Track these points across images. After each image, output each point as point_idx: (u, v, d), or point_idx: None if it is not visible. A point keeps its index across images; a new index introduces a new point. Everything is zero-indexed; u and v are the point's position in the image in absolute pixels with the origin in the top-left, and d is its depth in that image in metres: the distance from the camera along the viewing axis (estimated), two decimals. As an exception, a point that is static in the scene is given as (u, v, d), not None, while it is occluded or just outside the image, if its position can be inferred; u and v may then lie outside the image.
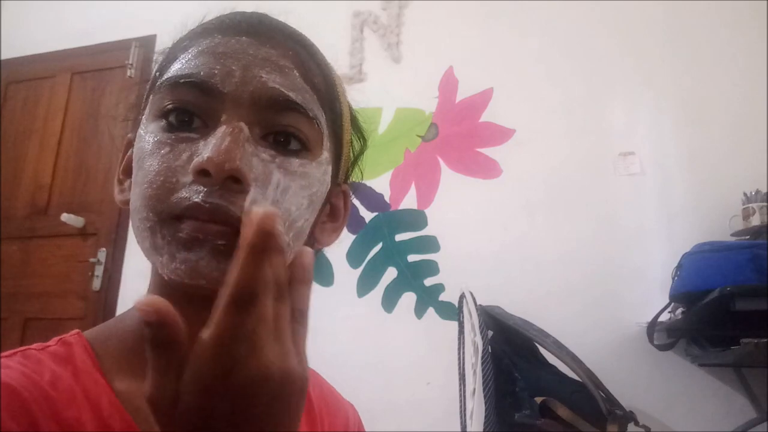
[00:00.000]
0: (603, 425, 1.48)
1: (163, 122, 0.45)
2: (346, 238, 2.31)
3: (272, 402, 0.34)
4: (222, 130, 0.43)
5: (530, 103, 2.30)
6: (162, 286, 0.48)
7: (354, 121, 0.57)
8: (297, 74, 0.47)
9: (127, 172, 0.52)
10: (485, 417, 1.49)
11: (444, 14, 2.51)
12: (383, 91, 2.46)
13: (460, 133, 2.35)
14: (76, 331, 0.49)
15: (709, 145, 2.09)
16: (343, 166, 0.55)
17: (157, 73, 0.49)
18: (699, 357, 1.82)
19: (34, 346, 0.45)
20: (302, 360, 0.37)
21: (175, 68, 0.46)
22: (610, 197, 2.13)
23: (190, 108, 0.45)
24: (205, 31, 0.49)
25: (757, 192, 1.86)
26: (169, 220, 0.43)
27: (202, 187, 0.42)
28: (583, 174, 2.18)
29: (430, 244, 2.25)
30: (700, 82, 2.16)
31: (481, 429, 1.50)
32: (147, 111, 0.48)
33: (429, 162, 2.35)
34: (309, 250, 0.38)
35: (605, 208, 2.13)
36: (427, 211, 2.30)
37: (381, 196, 2.35)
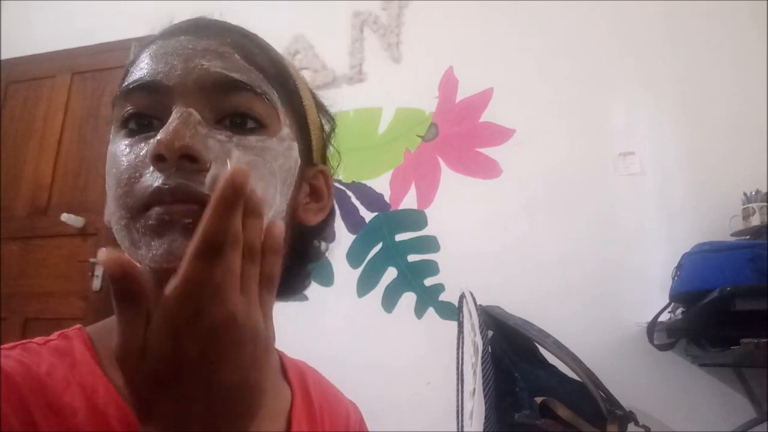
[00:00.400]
0: (603, 425, 1.48)
1: (124, 130, 0.47)
2: (346, 238, 2.31)
3: (238, 349, 0.34)
4: (172, 117, 0.44)
5: (530, 103, 2.30)
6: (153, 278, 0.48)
7: (319, 105, 0.58)
8: (238, 57, 0.48)
9: None
10: (485, 417, 1.49)
11: (444, 14, 2.51)
12: (383, 91, 2.46)
13: (460, 133, 2.36)
14: (78, 326, 0.50)
15: (709, 145, 2.09)
16: (315, 147, 0.56)
17: (119, 85, 0.51)
18: (699, 357, 1.82)
19: (35, 339, 0.47)
20: (267, 322, 0.37)
21: (127, 78, 0.49)
22: (610, 197, 2.13)
23: (146, 111, 0.47)
24: (150, 40, 0.51)
25: (757, 192, 1.86)
26: (138, 213, 0.44)
27: (160, 173, 0.43)
28: (583, 174, 2.18)
29: (430, 244, 2.25)
30: (700, 82, 2.16)
31: (481, 429, 1.50)
32: (112, 127, 0.50)
33: (429, 162, 2.35)
34: (279, 222, 0.39)
35: (605, 208, 2.13)
36: (427, 211, 2.30)
37: (381, 196, 2.35)
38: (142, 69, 0.48)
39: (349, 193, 2.34)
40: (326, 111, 0.60)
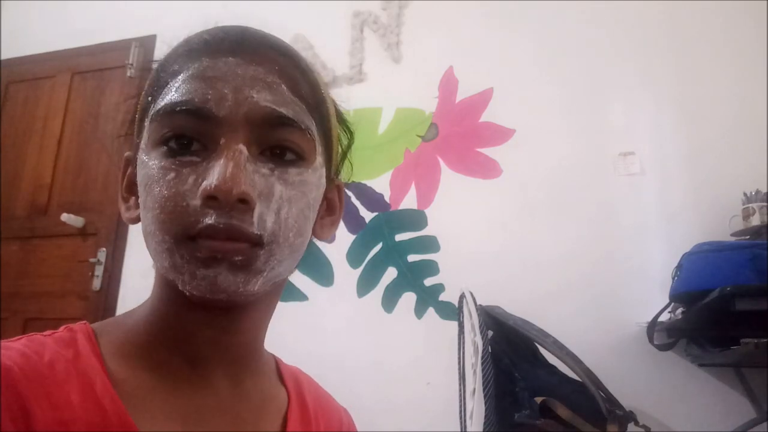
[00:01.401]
0: (603, 425, 1.48)
1: (164, 148, 0.47)
2: (346, 238, 2.31)
3: None
4: (224, 155, 0.45)
5: (530, 103, 2.30)
6: (165, 290, 0.50)
7: (339, 115, 0.59)
8: (285, 88, 0.49)
9: (130, 190, 0.55)
10: (485, 417, 1.49)
11: (444, 14, 2.51)
12: (383, 91, 2.46)
13: (460, 133, 2.36)
14: (84, 321, 0.51)
15: (709, 145, 2.09)
16: (333, 163, 0.57)
17: (149, 98, 0.51)
18: (699, 357, 1.82)
19: (44, 332, 0.48)
20: None
21: (169, 96, 0.48)
22: (610, 197, 2.13)
23: (189, 133, 0.47)
24: (191, 53, 0.50)
25: (757, 192, 1.86)
26: (184, 241, 0.45)
27: (212, 210, 0.45)
28: (583, 174, 2.18)
29: (430, 244, 2.25)
30: (700, 82, 2.16)
31: (481, 429, 1.50)
32: (146, 137, 0.50)
33: (429, 162, 2.35)
34: None
35: (605, 208, 2.13)
36: (427, 211, 2.30)
37: (381, 196, 2.35)
38: (188, 90, 0.47)
39: (349, 193, 2.34)
40: (345, 123, 0.60)
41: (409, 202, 2.33)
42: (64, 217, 2.65)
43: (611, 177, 2.15)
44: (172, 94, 0.48)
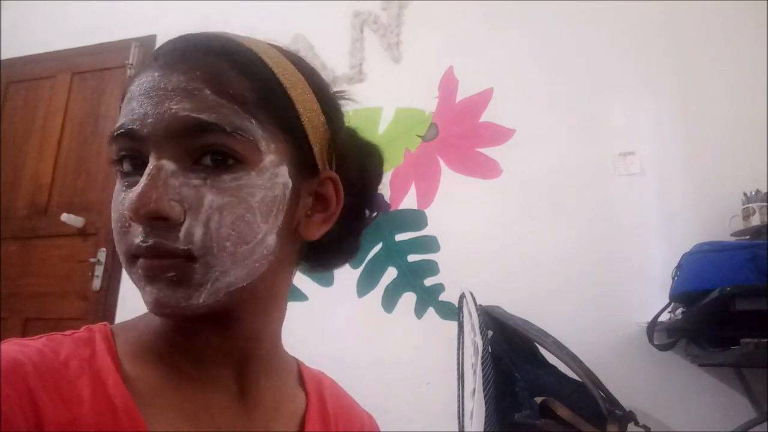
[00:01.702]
0: (603, 425, 1.48)
1: (119, 171, 0.49)
2: (346, 238, 2.31)
3: None
4: (145, 173, 0.46)
5: (530, 103, 2.30)
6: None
7: (328, 101, 0.56)
8: (208, 92, 0.47)
9: None
10: (485, 417, 1.49)
11: (444, 14, 2.51)
12: (383, 91, 2.46)
13: (460, 133, 2.36)
14: (105, 323, 0.52)
15: (709, 145, 2.09)
16: (319, 153, 0.54)
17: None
18: (699, 357, 1.82)
19: (65, 332, 0.49)
20: None
21: (119, 117, 0.50)
22: (610, 197, 2.13)
23: (132, 153, 0.48)
24: (137, 71, 0.51)
25: (757, 192, 1.86)
26: (131, 260, 0.47)
27: (140, 228, 0.45)
28: (583, 174, 2.18)
29: (430, 244, 2.25)
30: (700, 82, 2.16)
31: (481, 429, 1.50)
32: None
33: (429, 162, 2.35)
34: None
35: (605, 208, 2.13)
36: (427, 211, 2.30)
37: (381, 196, 2.35)
38: (125, 112, 0.48)
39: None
40: (333, 106, 0.57)
41: (409, 202, 2.33)
42: (64, 217, 2.65)
43: (611, 177, 2.15)
44: (119, 117, 0.49)
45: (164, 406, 0.47)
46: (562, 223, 2.14)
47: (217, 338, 0.51)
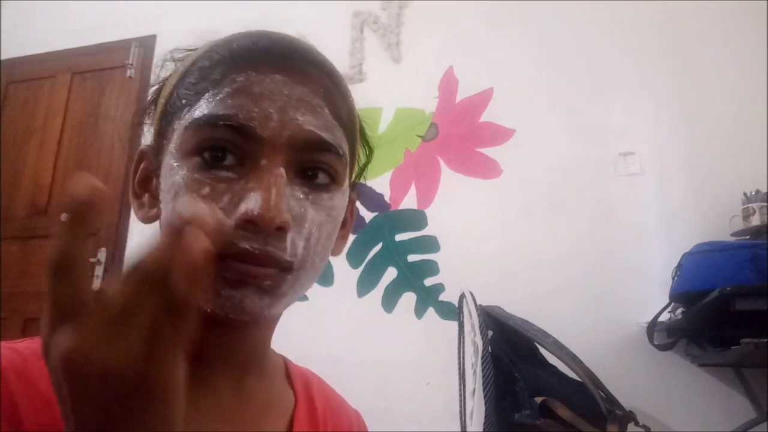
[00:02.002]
0: (603, 425, 1.48)
1: (197, 159, 0.46)
2: (346, 238, 2.31)
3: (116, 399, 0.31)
4: (265, 179, 0.45)
5: (530, 103, 2.30)
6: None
7: (362, 132, 0.59)
8: (328, 112, 0.49)
9: (144, 186, 0.53)
10: (485, 417, 1.49)
11: (444, 14, 2.51)
12: (383, 91, 2.46)
13: (460, 133, 2.36)
14: None
15: (709, 145, 2.09)
16: (351, 179, 0.57)
17: (183, 101, 0.49)
18: (699, 357, 1.82)
19: None
20: (173, 358, 0.32)
21: (210, 106, 0.47)
22: (610, 197, 2.13)
23: (226, 147, 0.46)
24: (235, 61, 0.49)
25: (757, 192, 1.86)
26: (212, 260, 0.45)
27: (247, 233, 0.44)
28: (583, 174, 2.18)
29: (430, 244, 2.25)
30: (700, 82, 2.16)
31: (481, 429, 1.50)
32: (177, 142, 0.48)
33: (429, 162, 2.35)
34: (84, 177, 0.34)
35: (605, 208, 2.13)
36: (427, 211, 2.30)
37: (381, 196, 2.35)
38: (233, 104, 0.46)
39: (349, 193, 2.35)
40: (367, 141, 0.60)
41: (409, 202, 2.33)
42: (64, 217, 2.65)
43: (611, 177, 2.15)
44: (215, 105, 0.47)
45: None
46: (562, 223, 2.14)
47: (223, 339, 0.50)
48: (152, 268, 0.32)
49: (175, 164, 0.48)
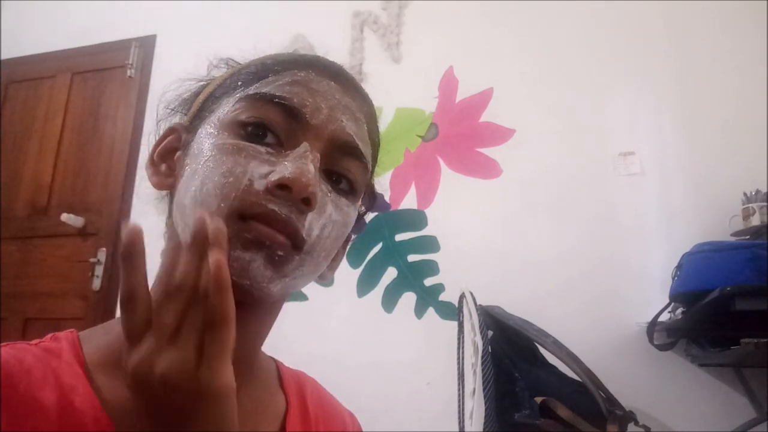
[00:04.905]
0: (603, 425, 1.48)
1: (240, 130, 0.49)
2: (346, 238, 2.31)
3: (183, 405, 0.37)
4: (305, 153, 0.47)
5: (530, 103, 2.30)
6: None
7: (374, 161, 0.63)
8: (366, 128, 0.53)
9: (164, 157, 0.55)
10: (485, 417, 1.49)
11: (444, 14, 2.51)
12: (383, 91, 2.46)
13: (460, 133, 2.36)
14: (71, 329, 0.51)
15: (709, 145, 2.09)
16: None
17: (239, 83, 0.52)
18: (699, 357, 1.82)
19: (31, 341, 0.48)
20: (220, 364, 0.38)
21: (268, 87, 0.50)
22: (610, 197, 2.13)
23: (272, 126, 0.49)
24: (298, 62, 0.53)
25: (757, 192, 1.86)
26: (234, 218, 0.46)
27: (276, 199, 0.46)
28: (583, 174, 2.17)
29: (430, 244, 2.25)
30: (700, 82, 2.16)
31: (481, 429, 1.50)
32: (221, 112, 0.51)
33: (429, 162, 2.35)
34: (134, 226, 0.39)
35: (605, 208, 2.12)
36: (427, 211, 2.30)
37: (381, 196, 2.34)
38: (291, 90, 0.50)
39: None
40: (373, 192, 0.64)
41: (409, 202, 2.33)
42: (64, 217, 2.65)
43: (611, 177, 2.15)
44: (273, 86, 0.50)
45: None
46: (562, 223, 2.14)
47: None
48: (189, 290, 0.37)
49: (215, 131, 0.50)
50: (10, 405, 0.40)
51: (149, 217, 0.56)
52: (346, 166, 0.51)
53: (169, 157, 0.54)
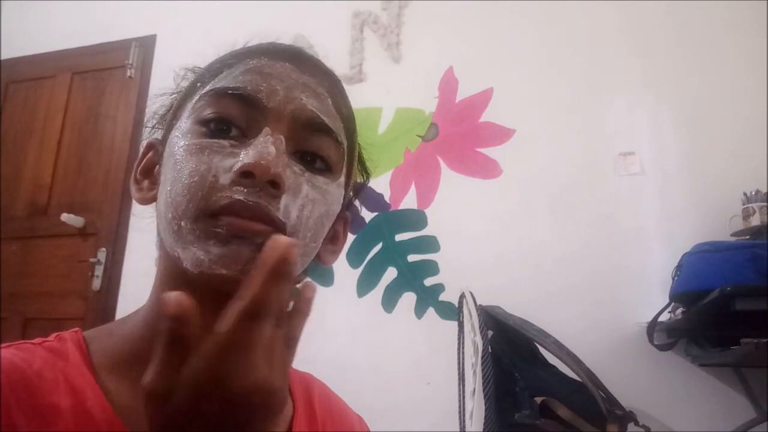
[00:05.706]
0: (603, 425, 1.48)
1: (203, 129, 0.48)
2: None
3: (254, 413, 0.35)
4: (265, 137, 0.46)
5: (530, 103, 2.30)
6: (170, 281, 0.49)
7: (360, 156, 0.61)
8: (330, 102, 0.52)
9: (146, 173, 0.55)
10: (485, 417, 1.49)
11: (444, 14, 2.51)
12: (383, 91, 2.46)
13: (460, 133, 2.35)
14: (76, 329, 0.50)
15: (709, 145, 2.09)
16: (346, 195, 0.58)
17: (198, 84, 0.52)
18: (699, 357, 1.82)
19: (34, 340, 0.47)
20: (284, 382, 0.38)
21: (222, 81, 0.50)
22: (610, 197, 2.13)
23: (231, 119, 0.48)
24: (250, 52, 0.53)
25: (757, 192, 1.86)
26: (204, 217, 0.45)
27: (242, 188, 0.45)
28: (583, 174, 2.17)
29: (430, 244, 2.25)
30: (701, 82, 2.16)
31: (481, 429, 1.50)
32: (185, 116, 0.50)
33: (429, 162, 2.35)
34: (313, 284, 0.40)
35: (605, 208, 2.12)
36: (427, 211, 2.30)
37: (381, 196, 2.35)
38: (243, 80, 0.49)
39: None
40: (365, 165, 0.62)
41: (409, 202, 2.33)
42: (64, 217, 2.65)
43: (611, 177, 2.15)
44: (227, 79, 0.50)
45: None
46: (562, 223, 2.14)
47: None
48: (265, 311, 0.35)
49: (181, 135, 0.49)
50: (27, 409, 0.40)
51: (149, 217, 0.56)
52: (317, 143, 0.50)
53: (150, 173, 0.55)
